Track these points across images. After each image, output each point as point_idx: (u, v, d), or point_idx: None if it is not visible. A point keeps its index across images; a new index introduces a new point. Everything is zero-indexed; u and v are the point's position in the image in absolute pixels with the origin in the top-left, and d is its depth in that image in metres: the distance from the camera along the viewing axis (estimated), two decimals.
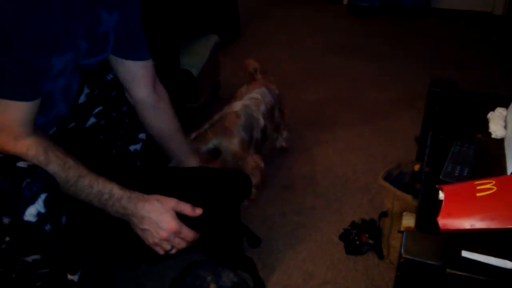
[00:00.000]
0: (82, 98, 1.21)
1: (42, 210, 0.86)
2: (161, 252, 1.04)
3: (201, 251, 1.17)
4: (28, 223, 0.85)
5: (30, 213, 0.85)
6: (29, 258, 0.92)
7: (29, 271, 0.95)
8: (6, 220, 0.84)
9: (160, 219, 1.00)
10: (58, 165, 0.92)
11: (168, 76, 1.66)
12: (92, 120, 1.25)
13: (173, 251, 1.04)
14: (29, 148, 0.90)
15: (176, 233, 1.01)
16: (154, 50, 1.26)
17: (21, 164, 0.87)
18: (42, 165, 0.89)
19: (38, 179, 0.86)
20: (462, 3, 3.56)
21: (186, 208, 1.03)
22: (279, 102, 1.79)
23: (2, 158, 0.88)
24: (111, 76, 1.23)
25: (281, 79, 2.29)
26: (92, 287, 1.15)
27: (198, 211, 1.05)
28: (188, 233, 1.03)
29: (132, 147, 1.29)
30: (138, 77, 1.19)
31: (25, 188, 0.84)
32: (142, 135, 1.30)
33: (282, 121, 1.86)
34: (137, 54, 1.17)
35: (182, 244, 1.04)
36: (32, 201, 0.85)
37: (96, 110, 1.24)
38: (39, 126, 1.04)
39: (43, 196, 0.86)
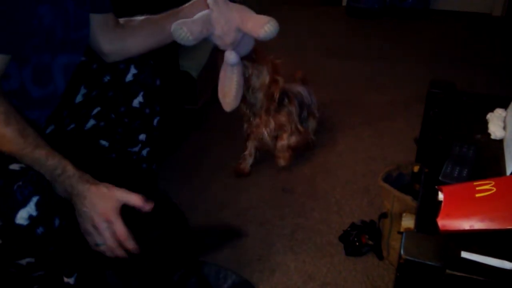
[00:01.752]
0: (79, 98, 1.21)
1: (34, 213, 0.85)
2: (91, 244, 0.96)
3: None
4: (20, 226, 0.84)
5: (22, 217, 0.84)
6: (23, 261, 0.91)
7: (24, 274, 0.95)
8: None
9: (99, 203, 0.94)
10: (17, 129, 0.89)
11: (167, 77, 1.67)
12: (91, 122, 1.25)
13: (102, 248, 0.96)
14: None
15: (109, 222, 0.94)
16: (154, 52, 1.26)
17: (13, 166, 0.86)
18: (0, 125, 0.87)
19: (30, 182, 0.85)
20: (461, 4, 3.57)
21: (135, 199, 0.96)
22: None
23: None
24: (108, 78, 1.23)
25: None
26: None
27: (148, 207, 0.97)
28: (121, 229, 0.94)
29: (130, 150, 1.30)
30: (101, 30, 1.16)
31: (16, 191, 0.83)
32: (142, 136, 1.30)
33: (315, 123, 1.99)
34: (100, 5, 1.15)
35: (111, 243, 0.95)
36: (24, 204, 0.84)
37: (95, 111, 1.24)
38: (35, 99, 1.04)
39: (34, 199, 0.85)
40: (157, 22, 1.21)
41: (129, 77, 1.24)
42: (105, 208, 0.94)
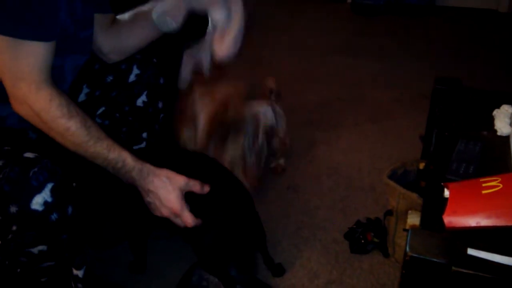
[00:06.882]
0: (82, 97, 1.22)
1: (49, 199, 0.87)
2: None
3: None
4: (35, 211, 0.86)
5: (37, 202, 0.86)
6: (35, 250, 0.93)
7: (34, 264, 0.96)
8: (13, 209, 0.85)
9: (165, 197, 0.99)
10: (80, 121, 0.91)
11: (171, 78, 1.67)
12: (96, 121, 1.26)
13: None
14: (52, 98, 0.89)
15: (177, 215, 1.01)
16: (158, 52, 1.26)
17: (28, 154, 0.89)
18: (64, 118, 0.89)
19: (45, 168, 0.88)
20: (466, 0, 3.55)
21: (195, 186, 1.03)
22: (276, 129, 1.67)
23: (9, 150, 0.90)
24: (111, 78, 1.23)
25: (284, 79, 2.30)
26: (96, 285, 1.16)
27: (206, 189, 1.04)
28: (188, 219, 1.01)
29: (136, 147, 1.30)
30: (101, 29, 1.17)
31: (32, 177, 0.86)
32: (145, 134, 1.30)
33: (281, 147, 1.73)
34: (104, 5, 1.16)
35: (182, 225, 1.03)
36: (39, 190, 0.86)
37: (99, 111, 1.25)
38: None
39: (49, 185, 0.88)
40: (146, 14, 1.21)
41: (132, 78, 1.24)
42: (170, 202, 0.99)
